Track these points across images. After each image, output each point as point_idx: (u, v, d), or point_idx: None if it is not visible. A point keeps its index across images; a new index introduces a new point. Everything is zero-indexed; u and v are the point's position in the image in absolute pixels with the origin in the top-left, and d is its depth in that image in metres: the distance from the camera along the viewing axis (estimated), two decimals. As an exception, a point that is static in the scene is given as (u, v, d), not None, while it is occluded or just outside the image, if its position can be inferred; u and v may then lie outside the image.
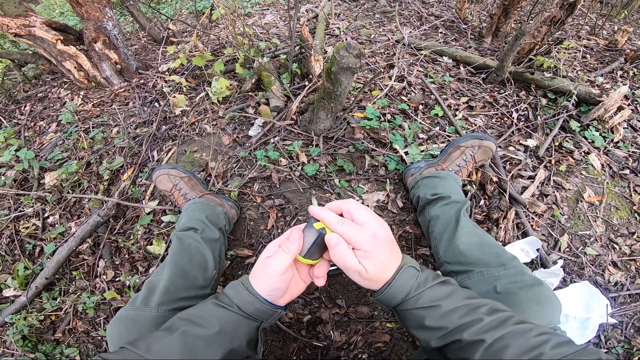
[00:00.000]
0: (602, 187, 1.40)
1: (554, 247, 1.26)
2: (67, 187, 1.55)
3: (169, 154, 1.51)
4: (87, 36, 1.68)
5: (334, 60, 1.06)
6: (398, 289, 0.56)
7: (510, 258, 0.84)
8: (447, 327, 0.54)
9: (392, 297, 0.57)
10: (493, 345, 0.49)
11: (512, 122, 1.53)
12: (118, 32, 1.75)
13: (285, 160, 1.32)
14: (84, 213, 1.50)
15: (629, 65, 1.88)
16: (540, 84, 1.64)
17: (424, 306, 0.55)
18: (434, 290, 0.57)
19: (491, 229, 1.22)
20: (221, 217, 1.15)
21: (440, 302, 0.55)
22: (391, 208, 1.23)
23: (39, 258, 1.39)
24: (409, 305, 0.57)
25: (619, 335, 1.15)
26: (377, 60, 1.74)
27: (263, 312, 0.60)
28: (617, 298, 1.19)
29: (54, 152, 1.70)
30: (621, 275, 1.22)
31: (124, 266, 1.34)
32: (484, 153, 1.20)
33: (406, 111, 1.48)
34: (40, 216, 1.50)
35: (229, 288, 0.61)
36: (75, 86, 1.96)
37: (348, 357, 1.12)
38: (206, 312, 0.60)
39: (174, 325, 0.60)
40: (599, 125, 1.52)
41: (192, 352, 0.56)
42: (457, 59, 1.79)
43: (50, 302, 1.27)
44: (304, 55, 1.52)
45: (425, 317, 0.55)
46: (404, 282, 0.56)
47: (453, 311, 0.54)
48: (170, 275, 0.87)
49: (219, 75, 1.61)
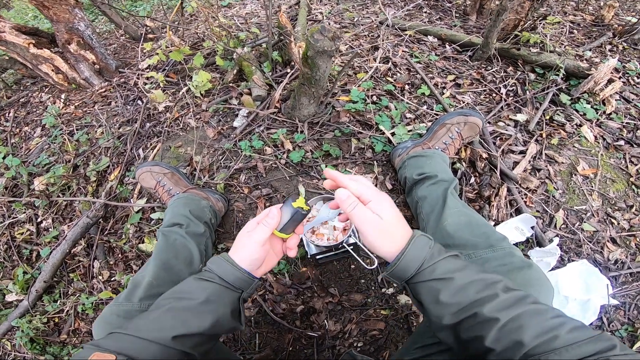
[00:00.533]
0: (596, 160, 1.36)
1: (550, 224, 1.22)
2: (56, 191, 1.54)
3: (154, 151, 1.49)
4: (59, 38, 1.66)
5: (309, 45, 1.03)
6: (413, 258, 0.54)
7: (500, 238, 0.80)
8: (462, 302, 0.51)
9: (406, 268, 0.54)
10: (507, 324, 0.47)
11: (501, 97, 1.49)
12: (92, 32, 1.72)
13: (270, 149, 1.30)
14: (76, 215, 1.49)
15: (618, 39, 1.85)
16: (528, 60, 1.61)
17: (439, 277, 0.53)
18: (448, 262, 0.54)
19: (483, 207, 1.20)
20: (206, 211, 1.13)
21: (455, 274, 0.53)
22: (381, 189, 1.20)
23: (37, 262, 1.41)
24: (423, 277, 0.54)
25: (622, 317, 1.11)
26: (361, 43, 1.70)
27: (243, 281, 0.63)
28: (617, 277, 1.15)
29: (41, 157, 1.69)
30: (621, 253, 1.18)
31: (118, 266, 1.34)
32: (471, 129, 1.17)
33: (392, 92, 1.45)
34: (33, 221, 1.51)
35: (211, 263, 0.65)
36: (55, 89, 1.94)
37: (343, 346, 1.10)
38: (190, 287, 0.63)
39: (159, 304, 0.62)
40: (590, 98, 1.49)
41: (182, 323, 0.58)
42: (443, 37, 1.75)
43: (52, 305, 1.30)
44: (284, 43, 1.48)
45: (441, 290, 0.52)
46: (418, 250, 0.55)
47: (469, 285, 0.52)
48: (154, 271, 0.87)
49: (200, 68, 1.58)
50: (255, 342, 1.14)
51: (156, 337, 0.56)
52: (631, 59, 1.75)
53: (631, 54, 1.80)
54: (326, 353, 1.11)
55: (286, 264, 1.17)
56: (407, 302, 1.11)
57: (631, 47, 1.83)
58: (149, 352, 0.55)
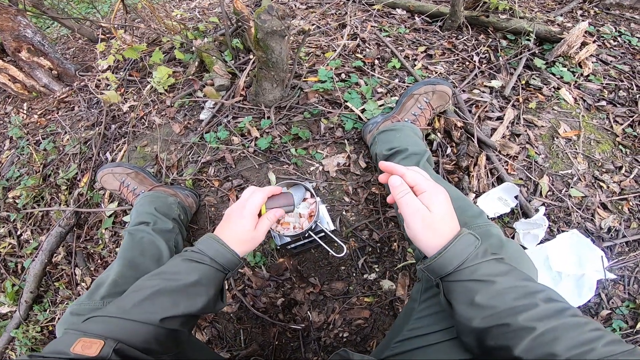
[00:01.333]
0: (577, 121, 1.31)
1: (535, 192, 1.15)
2: (30, 203, 1.51)
3: (120, 152, 1.43)
4: (7, 47, 1.60)
5: (257, 27, 0.98)
6: (455, 255, 0.52)
7: (476, 214, 0.75)
8: (497, 307, 0.48)
9: (446, 264, 0.52)
10: (543, 335, 0.45)
11: (474, 65, 1.44)
12: (42, 37, 1.66)
13: (237, 138, 1.24)
14: (52, 225, 1.45)
15: (589, 4, 1.84)
16: (498, 26, 1.57)
17: (479, 279, 0.50)
18: (491, 264, 0.52)
19: (462, 178, 1.15)
20: (174, 207, 1.08)
21: (497, 278, 0.50)
22: (354, 170, 1.16)
23: (22, 274, 1.41)
24: (463, 276, 0.51)
25: (621, 292, 1.03)
26: (328, 22, 1.63)
27: (231, 263, 0.63)
28: (613, 247, 1.06)
29: (11, 170, 1.65)
30: (614, 219, 1.09)
31: (98, 272, 1.32)
32: (440, 98, 1.12)
33: (362, 68, 1.39)
34: (13, 234, 1.50)
35: (200, 243, 0.63)
36: (17, 99, 1.87)
37: (329, 337, 1.06)
38: (179, 268, 0.61)
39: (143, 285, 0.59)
40: (566, 61, 1.45)
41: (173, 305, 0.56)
42: (411, 9, 1.69)
43: (43, 314, 1.30)
44: (243, 29, 1.41)
45: (478, 292, 0.49)
46: (463, 248, 0.52)
47: (509, 290, 0.49)
48: (119, 269, 0.83)
49: (160, 64, 1.51)
50: (240, 339, 1.10)
51: (145, 318, 0.54)
52: (604, 23, 1.73)
53: (604, 18, 1.78)
54: (312, 345, 1.07)
55: (262, 256, 1.12)
56: (390, 288, 1.07)
57: (603, 12, 1.82)
58: (140, 334, 0.53)
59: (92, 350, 0.46)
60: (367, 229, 1.12)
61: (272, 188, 0.71)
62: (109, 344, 0.48)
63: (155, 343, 0.54)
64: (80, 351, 0.46)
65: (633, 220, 1.11)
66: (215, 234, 0.65)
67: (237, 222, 0.65)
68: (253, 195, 0.67)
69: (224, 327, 1.12)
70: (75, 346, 0.47)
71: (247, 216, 0.65)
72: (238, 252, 0.64)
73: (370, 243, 1.10)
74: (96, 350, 0.46)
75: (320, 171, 1.17)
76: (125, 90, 1.61)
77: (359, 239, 1.11)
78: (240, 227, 0.65)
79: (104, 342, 0.48)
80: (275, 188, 0.71)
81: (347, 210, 1.13)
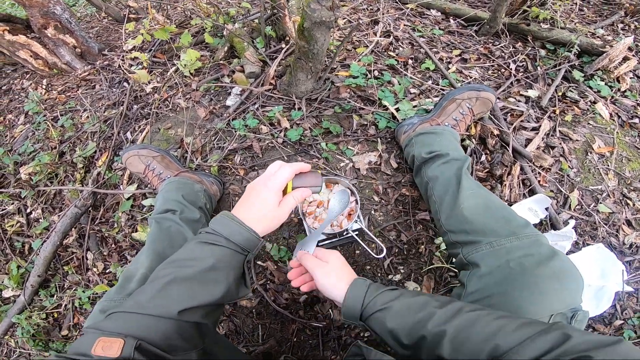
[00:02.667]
0: (612, 137, 1.30)
1: (564, 205, 1.16)
2: (43, 180, 1.46)
3: (142, 133, 1.39)
4: (34, 24, 1.57)
5: (305, 16, 0.95)
6: (355, 298, 0.60)
7: (522, 224, 0.73)
8: (405, 325, 0.55)
9: (353, 307, 0.60)
10: (456, 336, 0.49)
11: (510, 73, 1.41)
12: (70, 15, 1.63)
13: (266, 127, 1.21)
14: (65, 205, 1.42)
15: (630, 18, 1.81)
16: (538, 35, 1.54)
17: (380, 308, 0.58)
18: (385, 295, 0.60)
19: (495, 187, 1.12)
20: (200, 195, 1.05)
21: (391, 303, 0.58)
22: (384, 169, 1.13)
23: (30, 255, 1.35)
24: (369, 311, 0.59)
25: (634, 304, 1.06)
26: (360, 17, 1.60)
27: (250, 242, 0.58)
28: (632, 262, 1.09)
29: (25, 145, 1.61)
30: (636, 236, 1.12)
31: (112, 257, 1.28)
32: (483, 105, 1.09)
33: (394, 66, 1.36)
34: (23, 212, 1.44)
35: (214, 223, 0.59)
36: (37, 75, 1.84)
37: (350, 337, 1.04)
38: (193, 252, 0.57)
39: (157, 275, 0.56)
40: (604, 75, 1.43)
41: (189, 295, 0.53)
42: (446, 11, 1.65)
43: (49, 300, 1.24)
44: (278, 17, 1.38)
45: (385, 319, 0.57)
46: (357, 291, 0.61)
47: (405, 309, 0.56)
48: (148, 262, 0.79)
49: (188, 47, 1.48)
50: (258, 334, 1.08)
51: (161, 312, 0.50)
52: (646, 38, 1.70)
53: (645, 33, 1.75)
54: (331, 344, 1.05)
55: (287, 251, 1.10)
56: (415, 289, 1.05)
57: (645, 27, 1.78)
58: (159, 330, 0.49)
59: (113, 351, 0.44)
60: (395, 230, 1.09)
61: (300, 164, 0.64)
62: (129, 342, 0.45)
63: (177, 338, 0.51)
64: (102, 353, 0.44)
65: None
66: (232, 212, 0.60)
67: (260, 197, 0.59)
68: (281, 169, 0.61)
69: (242, 321, 1.10)
70: (95, 347, 0.44)
71: (271, 190, 0.59)
72: (258, 231, 0.59)
73: (397, 244, 1.08)
74: (117, 351, 0.44)
75: (351, 168, 1.14)
76: (149, 71, 1.57)
77: (387, 239, 1.08)
78: (263, 203, 0.59)
79: (124, 341, 0.45)
80: (303, 165, 0.65)
81: (376, 210, 1.11)
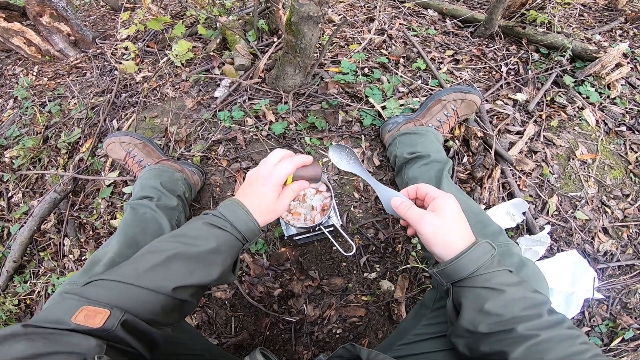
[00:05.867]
0: (595, 144, 1.29)
1: (542, 210, 1.16)
2: (25, 164, 1.45)
3: (128, 121, 1.39)
4: (30, 11, 1.57)
5: (293, 10, 0.94)
6: (471, 261, 0.52)
7: (497, 232, 0.75)
8: (504, 315, 0.50)
9: (461, 269, 0.53)
10: (539, 344, 0.47)
11: (501, 75, 1.41)
12: (66, 3, 1.64)
13: (251, 120, 1.20)
14: (47, 190, 1.40)
15: (629, 25, 1.79)
16: (533, 39, 1.54)
17: (491, 287, 0.51)
18: (504, 275, 0.53)
19: (475, 189, 1.12)
20: (179, 184, 1.05)
21: (508, 288, 0.51)
22: (367, 166, 1.13)
23: (8, 240, 1.32)
24: (476, 282, 0.52)
25: (604, 311, 1.07)
26: (356, 14, 1.59)
27: (252, 232, 0.59)
28: (605, 270, 1.11)
29: (11, 129, 1.61)
30: (612, 244, 1.13)
31: (88, 244, 1.27)
32: (468, 107, 1.09)
33: (386, 64, 1.35)
34: (4, 196, 1.42)
35: (223, 208, 0.59)
36: (29, 62, 1.83)
37: (322, 332, 1.05)
38: (200, 232, 0.56)
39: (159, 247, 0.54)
40: (595, 81, 1.42)
41: (190, 273, 0.52)
42: (443, 12, 1.65)
43: (23, 286, 1.23)
44: (271, 10, 1.37)
45: (488, 299, 0.51)
46: (480, 255, 0.53)
47: (517, 300, 0.50)
48: (118, 247, 0.78)
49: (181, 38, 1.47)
50: (231, 326, 1.08)
51: (157, 286, 0.49)
52: (642, 45, 1.68)
53: (643, 41, 1.73)
54: (304, 339, 1.05)
55: (264, 244, 1.10)
56: (389, 289, 1.05)
57: (643, 34, 1.77)
58: (148, 303, 0.48)
59: (96, 321, 0.42)
60: (373, 228, 1.09)
61: (302, 158, 0.63)
62: (115, 314, 0.44)
63: (161, 314, 0.50)
64: (83, 321, 0.42)
65: (630, 247, 1.15)
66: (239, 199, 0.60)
67: (260, 191, 0.60)
68: (282, 164, 0.60)
69: (215, 312, 1.10)
70: (77, 315, 0.42)
71: (272, 186, 0.59)
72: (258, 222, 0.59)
73: (374, 242, 1.08)
74: (100, 321, 0.42)
75: (333, 163, 1.14)
76: (141, 60, 1.57)
77: (364, 237, 1.08)
78: (263, 197, 0.59)
79: (110, 312, 0.43)
80: (305, 158, 0.63)
81: (356, 207, 1.11)
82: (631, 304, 1.08)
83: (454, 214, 0.56)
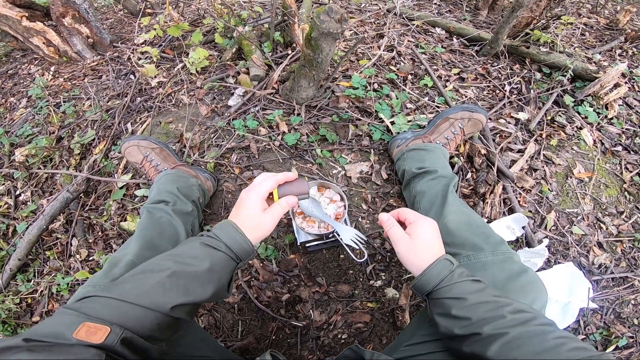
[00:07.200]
0: (592, 164, 1.35)
1: (540, 225, 1.22)
2: (37, 163, 1.47)
3: (143, 125, 1.43)
4: (54, 11, 1.60)
5: (314, 26, 0.99)
6: (432, 276, 0.60)
7: (499, 242, 0.80)
8: (471, 318, 0.55)
9: (426, 284, 0.61)
10: (511, 342, 0.51)
11: (504, 94, 1.47)
12: (89, 5, 1.67)
13: (264, 129, 1.25)
14: (56, 189, 1.42)
15: (629, 44, 1.85)
16: (536, 58, 1.59)
17: (453, 297, 0.58)
18: (465, 285, 0.59)
19: (477, 203, 1.17)
20: (194, 189, 1.08)
21: (468, 295, 0.58)
22: (375, 179, 1.17)
23: (13, 238, 1.33)
24: (440, 294, 0.60)
25: (598, 320, 1.12)
26: (367, 30, 1.65)
27: (245, 252, 0.62)
28: (599, 281, 1.16)
29: (24, 128, 1.63)
30: (606, 257, 1.19)
31: (97, 244, 1.28)
32: (474, 126, 1.14)
33: (394, 81, 1.41)
34: (12, 194, 1.44)
35: (217, 229, 0.62)
36: (45, 62, 1.87)
37: (328, 337, 1.08)
38: (196, 252, 0.59)
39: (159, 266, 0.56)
40: (594, 101, 1.47)
41: (186, 292, 0.55)
42: (451, 30, 1.71)
43: (25, 285, 1.23)
44: (287, 24, 1.43)
45: (453, 307, 0.58)
46: (439, 270, 0.61)
47: (480, 305, 0.56)
48: (137, 249, 0.81)
49: (198, 45, 1.52)
50: (237, 330, 1.10)
51: (156, 305, 0.51)
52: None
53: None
54: (309, 343, 1.08)
55: (274, 250, 1.13)
56: (394, 296, 1.09)
57: (643, 54, 1.81)
58: (147, 321, 0.50)
59: (96, 337, 0.43)
60: (380, 238, 1.14)
61: (285, 174, 0.68)
62: (115, 331, 0.45)
63: (158, 331, 0.52)
64: (85, 337, 0.43)
65: (623, 260, 1.20)
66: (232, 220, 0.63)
67: (243, 202, 0.64)
68: (265, 180, 0.66)
69: (223, 316, 1.12)
70: (78, 331, 0.43)
71: (252, 199, 0.63)
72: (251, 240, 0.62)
73: (380, 251, 1.12)
74: (101, 338, 0.44)
75: (342, 175, 1.18)
76: (157, 65, 1.61)
77: (371, 246, 1.12)
78: (248, 211, 0.63)
79: (110, 329, 0.45)
80: (289, 174, 0.68)
81: (364, 218, 1.15)
82: (624, 314, 1.13)
83: (425, 238, 0.64)
